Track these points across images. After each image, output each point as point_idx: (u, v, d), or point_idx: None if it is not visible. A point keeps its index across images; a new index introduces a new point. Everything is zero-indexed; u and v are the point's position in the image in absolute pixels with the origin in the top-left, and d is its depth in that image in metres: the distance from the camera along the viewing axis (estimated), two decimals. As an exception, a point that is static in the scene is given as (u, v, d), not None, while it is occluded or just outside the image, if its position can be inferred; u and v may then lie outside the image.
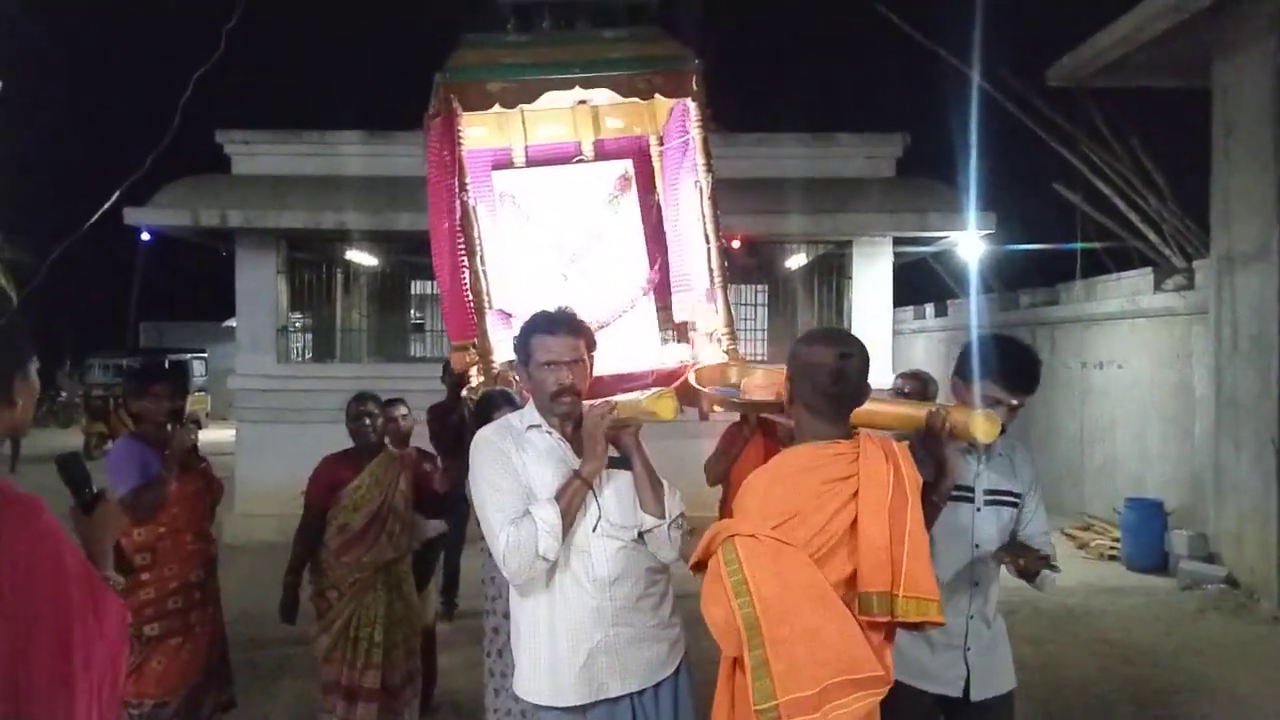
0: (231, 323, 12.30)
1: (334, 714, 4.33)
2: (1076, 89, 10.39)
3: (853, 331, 10.19)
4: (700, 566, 2.26)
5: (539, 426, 2.73)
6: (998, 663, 2.95)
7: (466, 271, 3.13)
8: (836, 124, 11.47)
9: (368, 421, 4.54)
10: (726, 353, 3.21)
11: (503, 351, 2.91)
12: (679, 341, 3.59)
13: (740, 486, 2.32)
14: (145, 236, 11.00)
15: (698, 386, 2.82)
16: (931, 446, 2.51)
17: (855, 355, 2.28)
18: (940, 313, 16.30)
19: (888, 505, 2.17)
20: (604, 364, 3.39)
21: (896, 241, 11.07)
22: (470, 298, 3.11)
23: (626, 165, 3.64)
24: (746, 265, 12.14)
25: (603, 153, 3.66)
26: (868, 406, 2.39)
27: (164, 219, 10.48)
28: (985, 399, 2.74)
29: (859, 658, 2.09)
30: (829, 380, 2.26)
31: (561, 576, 2.64)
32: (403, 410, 5.16)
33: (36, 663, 1.77)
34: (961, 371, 2.85)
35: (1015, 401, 2.76)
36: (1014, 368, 2.80)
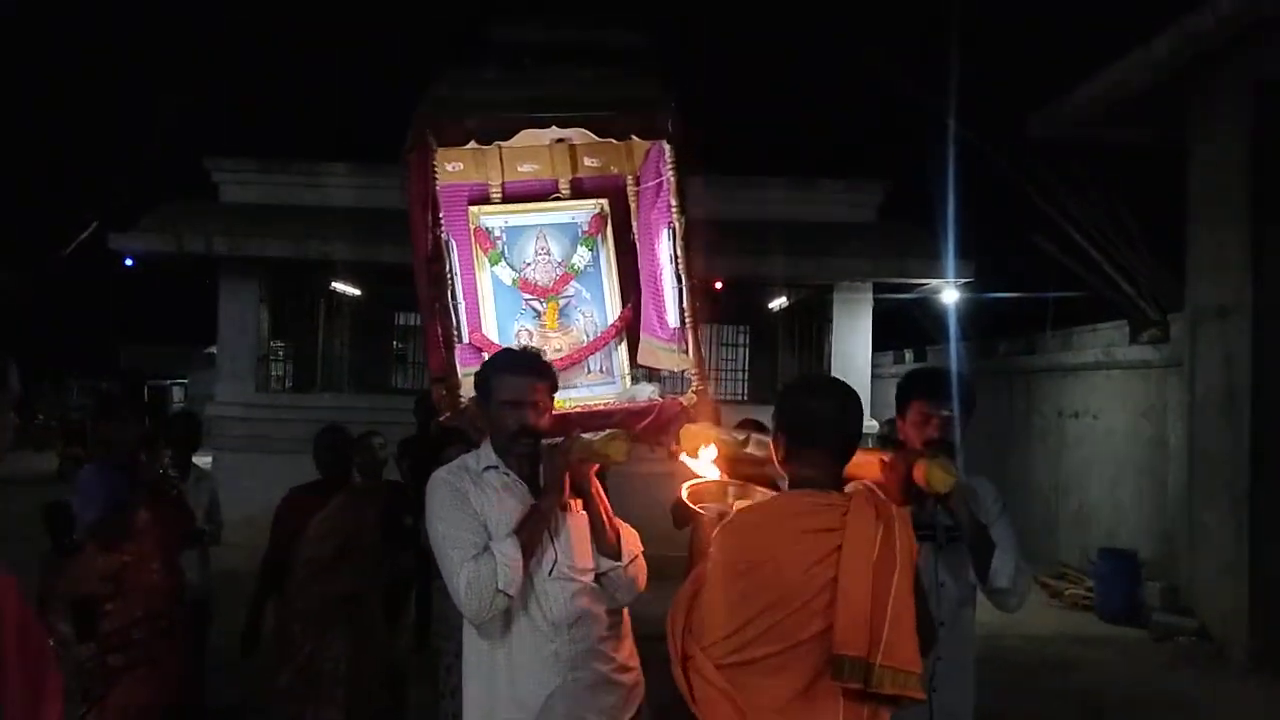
0: (213, 349, 12.26)
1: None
2: (1055, 140, 10.54)
3: (834, 375, 10.17)
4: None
5: (496, 467, 2.69)
6: (960, 707, 2.93)
7: (438, 305, 3.15)
8: (819, 170, 11.62)
9: (334, 453, 4.53)
10: (695, 393, 3.23)
11: (470, 387, 2.92)
12: (650, 380, 3.60)
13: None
14: (128, 262, 10.98)
15: (692, 505, 2.83)
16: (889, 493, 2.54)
17: (849, 406, 2.27)
18: (919, 358, 16.38)
19: (872, 564, 2.06)
20: (574, 400, 3.41)
21: (877, 287, 11.17)
22: (441, 332, 3.12)
23: (603, 204, 3.66)
24: (729, 307, 12.22)
25: (580, 190, 3.68)
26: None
27: (148, 244, 10.49)
28: (918, 417, 2.94)
29: None
30: (818, 432, 2.23)
31: (517, 621, 2.58)
32: (379, 440, 5.15)
33: None
34: (897, 409, 3.07)
35: (945, 412, 2.92)
36: (929, 382, 3.08)
